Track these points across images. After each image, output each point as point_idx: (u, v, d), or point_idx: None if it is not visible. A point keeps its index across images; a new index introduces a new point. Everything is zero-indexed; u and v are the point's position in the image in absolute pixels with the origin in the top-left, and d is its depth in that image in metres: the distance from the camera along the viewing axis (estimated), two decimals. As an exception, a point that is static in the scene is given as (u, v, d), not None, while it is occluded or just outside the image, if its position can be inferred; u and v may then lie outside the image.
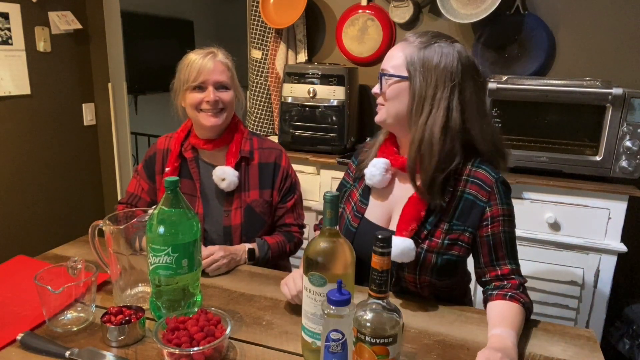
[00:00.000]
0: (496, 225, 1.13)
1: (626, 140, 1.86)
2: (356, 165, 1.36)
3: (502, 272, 1.14)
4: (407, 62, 1.13)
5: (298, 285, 1.10)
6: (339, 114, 2.28)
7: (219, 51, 1.47)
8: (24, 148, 2.53)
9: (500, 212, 1.13)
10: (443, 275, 1.18)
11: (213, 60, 1.42)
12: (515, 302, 1.08)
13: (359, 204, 1.28)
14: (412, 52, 1.13)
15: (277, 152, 1.55)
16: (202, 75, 1.40)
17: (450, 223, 1.14)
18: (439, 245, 1.14)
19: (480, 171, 1.15)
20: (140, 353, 0.96)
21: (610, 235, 1.89)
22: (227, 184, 1.44)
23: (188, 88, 1.42)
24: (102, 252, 1.17)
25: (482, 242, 1.15)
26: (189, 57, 1.45)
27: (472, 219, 1.14)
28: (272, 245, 1.49)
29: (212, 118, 1.42)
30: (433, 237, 1.15)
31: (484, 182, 1.14)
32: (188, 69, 1.42)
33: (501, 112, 2.00)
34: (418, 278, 1.17)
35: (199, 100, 1.41)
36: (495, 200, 1.13)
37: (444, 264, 1.15)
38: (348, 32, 2.57)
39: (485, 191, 1.13)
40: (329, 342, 0.83)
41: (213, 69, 1.41)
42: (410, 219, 1.14)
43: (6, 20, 2.35)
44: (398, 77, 1.14)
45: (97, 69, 2.87)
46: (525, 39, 2.27)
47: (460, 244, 1.15)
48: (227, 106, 1.45)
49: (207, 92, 1.41)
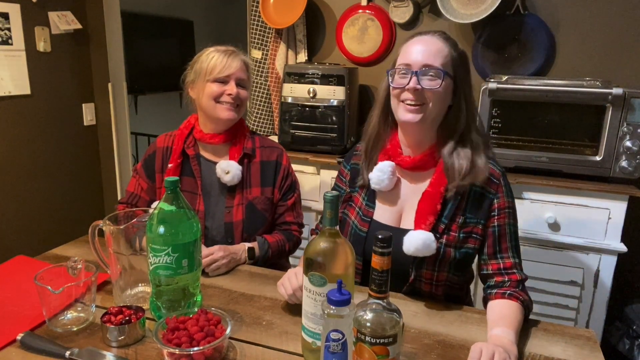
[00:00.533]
0: (502, 217, 1.17)
1: (626, 140, 1.86)
2: (349, 170, 1.35)
3: (505, 265, 1.16)
4: (453, 61, 1.16)
5: (293, 283, 1.10)
6: (339, 114, 2.28)
7: (239, 51, 1.52)
8: (24, 148, 2.53)
9: (506, 204, 1.17)
10: (460, 270, 1.20)
11: (238, 58, 1.48)
12: (514, 300, 1.09)
13: (365, 208, 1.27)
14: (452, 53, 1.16)
15: (279, 151, 1.57)
16: (228, 69, 1.45)
17: (464, 216, 1.17)
18: (456, 239, 1.17)
19: (489, 164, 1.18)
20: (140, 353, 0.96)
21: (610, 235, 1.89)
22: (231, 177, 1.45)
23: (209, 79, 1.45)
24: (102, 252, 1.17)
25: (488, 233, 1.18)
26: (211, 52, 1.48)
27: (483, 211, 1.17)
28: (272, 244, 1.49)
29: (229, 111, 1.45)
30: (450, 232, 1.17)
31: (492, 174, 1.17)
32: (212, 61, 1.45)
33: (501, 112, 2.00)
34: (436, 275, 1.18)
35: (220, 92, 1.45)
36: (502, 192, 1.18)
37: (462, 258, 1.18)
38: (348, 32, 2.57)
39: (494, 183, 1.17)
40: (329, 342, 0.83)
41: (238, 66, 1.47)
42: (428, 212, 1.16)
43: (6, 20, 2.35)
44: (450, 76, 1.16)
45: (97, 69, 2.87)
46: (525, 39, 2.27)
47: (475, 236, 1.18)
48: (243, 103, 1.50)
49: (230, 86, 1.45)
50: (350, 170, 1.35)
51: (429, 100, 1.15)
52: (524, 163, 2.00)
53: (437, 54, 1.14)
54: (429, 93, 1.14)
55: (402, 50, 1.19)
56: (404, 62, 1.16)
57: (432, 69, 1.13)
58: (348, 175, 1.35)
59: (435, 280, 1.19)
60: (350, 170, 1.35)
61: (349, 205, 1.32)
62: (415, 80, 1.13)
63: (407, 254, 1.13)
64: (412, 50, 1.16)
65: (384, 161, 1.23)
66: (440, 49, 1.15)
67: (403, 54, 1.18)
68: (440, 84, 1.13)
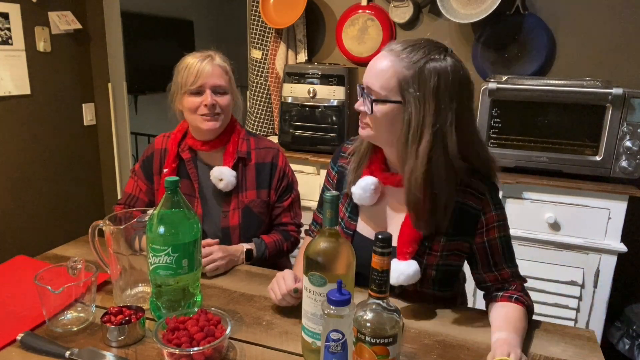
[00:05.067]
0: (492, 232, 1.12)
1: (626, 140, 1.86)
2: (336, 172, 1.30)
3: (502, 277, 1.14)
4: (401, 85, 1.01)
5: (282, 288, 1.09)
6: (339, 114, 2.28)
7: (217, 54, 1.45)
8: (24, 148, 2.53)
9: (494, 218, 1.11)
10: (444, 286, 1.18)
11: (211, 64, 1.41)
12: (520, 305, 1.08)
13: (347, 220, 1.23)
14: (404, 72, 1.01)
15: (274, 151, 1.54)
16: (200, 79, 1.39)
17: (447, 236, 1.11)
18: (437, 258, 1.12)
19: (472, 180, 1.10)
20: (140, 353, 0.96)
21: (610, 235, 1.89)
22: (224, 184, 1.44)
23: (186, 92, 1.41)
24: (102, 252, 1.16)
25: (479, 249, 1.13)
26: (186, 60, 1.43)
27: (468, 228, 1.12)
28: (269, 244, 1.49)
29: (209, 122, 1.42)
30: (432, 252, 1.12)
31: (476, 190, 1.10)
32: (185, 72, 1.40)
33: (501, 112, 2.00)
34: (420, 289, 1.16)
35: (196, 105, 1.41)
36: (488, 207, 1.11)
37: (444, 275, 1.15)
38: (348, 32, 2.57)
39: (478, 199, 1.10)
40: (329, 342, 0.83)
41: (211, 72, 1.40)
42: (410, 240, 1.10)
43: (6, 20, 2.35)
44: (391, 102, 1.03)
45: (97, 69, 2.87)
46: (525, 39, 2.27)
47: (458, 253, 1.14)
48: (224, 110, 1.44)
49: (205, 96, 1.40)
50: (338, 172, 1.30)
51: (372, 123, 1.08)
52: (524, 163, 2.00)
53: (380, 75, 1.03)
54: (371, 117, 1.07)
55: None
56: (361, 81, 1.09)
57: (372, 91, 1.05)
58: (335, 177, 1.30)
59: (420, 294, 1.17)
60: (338, 172, 1.30)
61: None
62: (360, 101, 1.08)
63: (393, 285, 1.08)
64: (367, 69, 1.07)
65: (367, 177, 1.16)
66: (384, 70, 1.03)
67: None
68: (370, 110, 1.05)
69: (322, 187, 1.39)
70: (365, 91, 1.07)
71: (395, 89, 1.02)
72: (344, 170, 1.26)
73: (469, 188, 1.10)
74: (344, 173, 1.25)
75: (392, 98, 1.03)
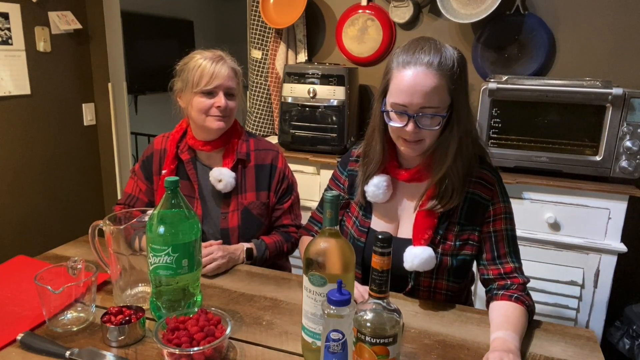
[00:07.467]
0: (499, 222, 1.17)
1: (626, 140, 1.86)
2: (347, 177, 1.33)
3: (505, 270, 1.15)
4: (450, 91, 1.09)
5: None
6: (339, 114, 2.28)
7: (227, 56, 1.46)
8: (24, 148, 2.53)
9: (502, 209, 1.17)
10: (458, 277, 1.20)
11: (226, 66, 1.42)
12: (521, 305, 1.08)
13: (362, 218, 1.27)
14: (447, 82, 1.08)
15: (274, 153, 1.55)
16: (216, 80, 1.40)
17: (460, 224, 1.17)
18: (452, 247, 1.17)
19: (483, 171, 1.18)
20: (140, 353, 0.96)
21: (610, 235, 1.89)
22: (224, 185, 1.44)
23: (197, 92, 1.41)
24: (102, 252, 1.17)
25: (485, 239, 1.18)
26: (197, 60, 1.42)
27: (478, 218, 1.17)
28: (269, 245, 1.49)
29: (219, 122, 1.42)
30: (446, 241, 1.17)
31: (486, 181, 1.17)
32: (198, 72, 1.40)
33: (501, 112, 2.00)
34: (434, 282, 1.19)
35: (208, 106, 1.41)
36: (497, 198, 1.17)
37: (459, 265, 1.18)
38: (348, 32, 2.57)
39: (489, 190, 1.17)
40: (329, 342, 0.83)
41: (226, 75, 1.41)
42: (426, 227, 1.16)
43: (6, 20, 2.35)
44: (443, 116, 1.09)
45: (97, 69, 2.87)
46: (525, 39, 2.27)
47: (471, 243, 1.18)
48: (232, 113, 1.46)
49: (218, 98, 1.41)
50: (348, 176, 1.33)
51: (426, 136, 1.11)
52: (524, 163, 2.00)
53: (434, 92, 1.06)
54: (427, 131, 1.11)
55: (395, 82, 1.09)
56: (400, 103, 1.09)
57: (429, 109, 1.08)
58: (346, 181, 1.33)
59: (433, 288, 1.20)
60: (348, 176, 1.33)
61: (347, 212, 1.32)
62: (413, 124, 1.09)
63: (409, 270, 1.14)
64: (407, 91, 1.07)
65: (380, 175, 1.22)
66: (437, 86, 1.06)
67: (397, 91, 1.09)
68: (438, 122, 1.10)
69: (326, 187, 1.40)
70: (420, 113, 1.08)
71: (447, 98, 1.10)
72: (354, 174, 1.30)
73: (480, 179, 1.17)
74: (355, 176, 1.29)
75: (447, 105, 1.11)
